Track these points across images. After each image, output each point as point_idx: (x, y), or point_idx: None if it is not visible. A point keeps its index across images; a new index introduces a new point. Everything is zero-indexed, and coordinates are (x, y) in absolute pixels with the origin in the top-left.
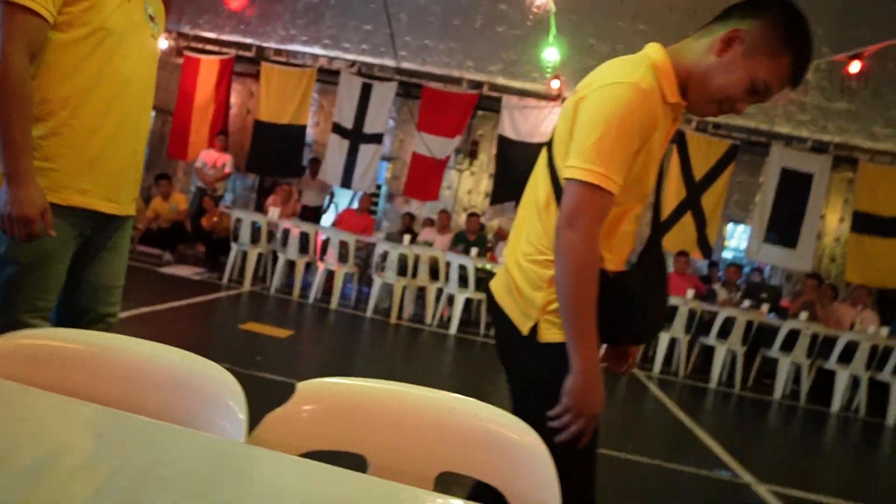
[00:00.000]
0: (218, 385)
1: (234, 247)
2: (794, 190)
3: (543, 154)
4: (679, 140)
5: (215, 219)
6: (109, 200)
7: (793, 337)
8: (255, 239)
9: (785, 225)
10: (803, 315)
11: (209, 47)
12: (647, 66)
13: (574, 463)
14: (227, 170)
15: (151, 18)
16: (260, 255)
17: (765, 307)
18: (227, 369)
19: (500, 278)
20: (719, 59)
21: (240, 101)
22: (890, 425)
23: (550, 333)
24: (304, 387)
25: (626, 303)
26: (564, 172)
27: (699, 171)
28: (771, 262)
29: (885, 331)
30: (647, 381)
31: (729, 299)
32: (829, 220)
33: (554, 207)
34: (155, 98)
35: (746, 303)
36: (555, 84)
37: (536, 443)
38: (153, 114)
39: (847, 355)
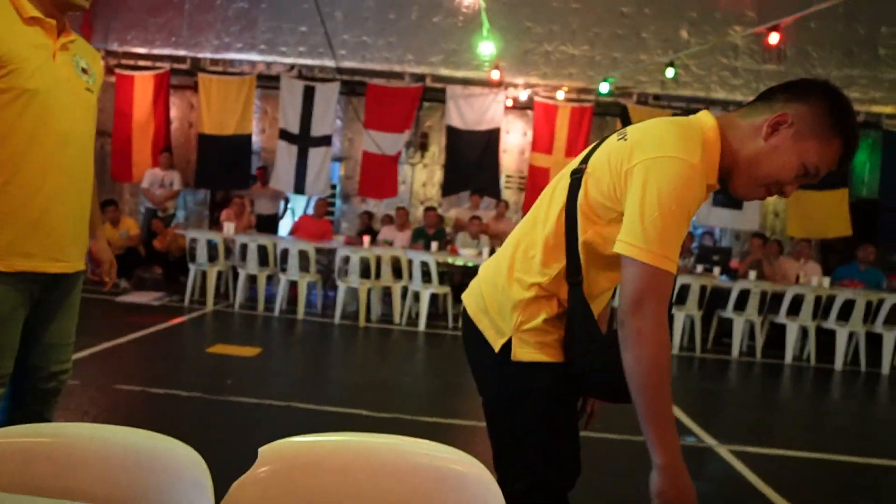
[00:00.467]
0: (183, 463)
1: (192, 268)
2: None
3: (565, 179)
4: (623, 114)
5: (168, 239)
6: (57, 260)
7: (745, 296)
8: (212, 257)
9: None
10: (752, 274)
11: (141, 63)
12: (701, 143)
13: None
14: (176, 187)
15: (85, 71)
16: (220, 272)
17: (716, 270)
18: (199, 398)
19: (475, 291)
20: (767, 143)
21: (180, 114)
22: (838, 370)
23: (523, 352)
24: (265, 451)
25: (602, 359)
26: (620, 247)
27: None
28: (721, 224)
29: (826, 281)
30: None
31: (683, 266)
32: None
33: (562, 234)
34: None
35: (699, 268)
36: (495, 75)
37: (482, 473)
38: None
39: (796, 307)
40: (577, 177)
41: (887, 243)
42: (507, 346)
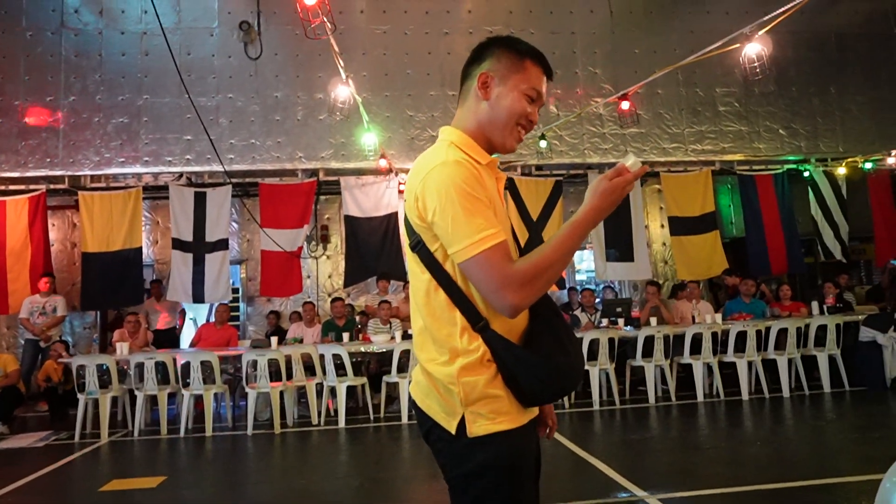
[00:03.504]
0: None
1: (81, 398)
2: (617, 208)
3: (410, 258)
4: (511, 186)
5: (62, 360)
6: None
7: (651, 342)
8: (105, 383)
9: (620, 241)
10: (653, 321)
11: (13, 187)
12: (448, 146)
13: None
14: (60, 313)
15: None
16: (114, 398)
17: (621, 321)
18: None
19: (418, 380)
20: (488, 100)
21: (61, 235)
22: (745, 399)
23: (478, 426)
24: None
25: (545, 366)
26: (455, 259)
27: (535, 211)
28: (617, 277)
29: (719, 317)
30: None
31: (591, 322)
32: (653, 228)
33: (444, 297)
34: None
35: (605, 321)
36: (382, 163)
37: None
38: None
39: (697, 346)
40: (419, 246)
41: (758, 274)
42: (461, 425)
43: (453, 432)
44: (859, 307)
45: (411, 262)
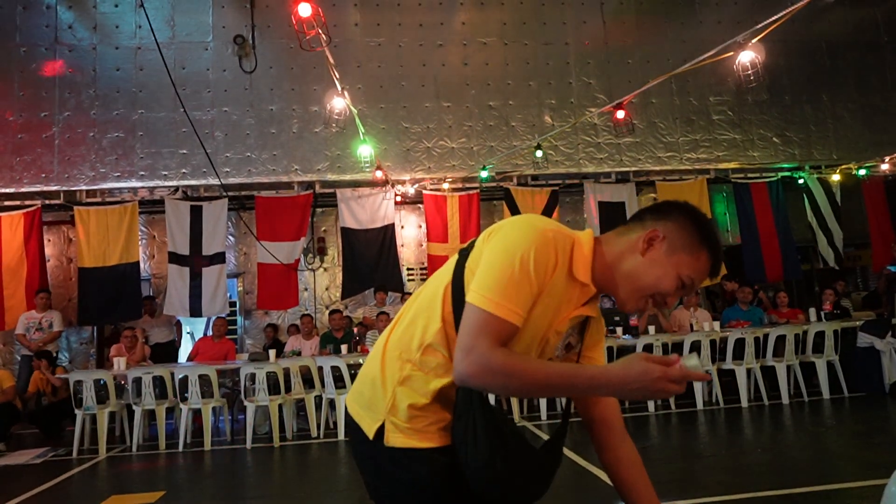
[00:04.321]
0: None
1: (78, 414)
2: (613, 218)
3: (452, 259)
4: (507, 196)
5: (57, 375)
6: None
7: (649, 350)
8: (102, 398)
9: None
10: (651, 329)
11: (7, 203)
12: (566, 234)
13: None
14: (56, 328)
15: None
16: (112, 413)
17: (619, 330)
18: None
19: (354, 388)
20: (644, 257)
21: (57, 251)
22: (745, 407)
23: (395, 437)
24: None
25: (510, 439)
26: (468, 296)
27: None
28: None
29: (717, 324)
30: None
31: None
32: None
33: (450, 307)
34: None
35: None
36: (378, 174)
37: None
38: None
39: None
40: (464, 254)
41: (754, 281)
42: (381, 431)
43: (371, 437)
44: (856, 313)
45: (451, 260)
